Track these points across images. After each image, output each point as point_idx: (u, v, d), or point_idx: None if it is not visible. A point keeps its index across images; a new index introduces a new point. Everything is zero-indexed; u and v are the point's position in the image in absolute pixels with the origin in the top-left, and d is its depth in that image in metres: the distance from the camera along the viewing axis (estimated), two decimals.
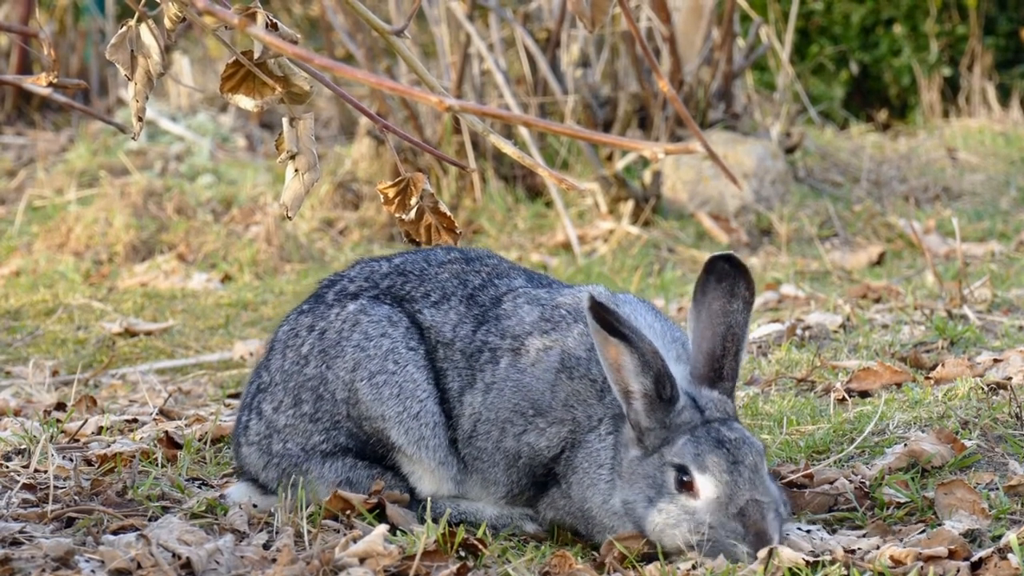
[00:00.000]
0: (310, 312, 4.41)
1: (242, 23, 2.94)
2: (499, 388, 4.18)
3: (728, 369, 4.04)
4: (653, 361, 3.93)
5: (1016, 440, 4.73)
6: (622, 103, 10.11)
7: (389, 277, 4.43)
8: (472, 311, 4.31)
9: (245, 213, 10.09)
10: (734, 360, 4.04)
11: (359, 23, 10.19)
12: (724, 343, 4.03)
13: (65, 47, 13.22)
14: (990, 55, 14.05)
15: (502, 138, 4.05)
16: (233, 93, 4.10)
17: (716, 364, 4.04)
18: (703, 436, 3.95)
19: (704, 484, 3.92)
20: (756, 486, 3.91)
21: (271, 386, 4.39)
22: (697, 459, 3.92)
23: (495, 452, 4.19)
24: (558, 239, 9.61)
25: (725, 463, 3.91)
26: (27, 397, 6.26)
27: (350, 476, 4.28)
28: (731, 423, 3.99)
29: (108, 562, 3.85)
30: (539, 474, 4.15)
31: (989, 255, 8.81)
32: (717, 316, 4.02)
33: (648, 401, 3.97)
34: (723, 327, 4.02)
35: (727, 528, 3.89)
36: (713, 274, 4.04)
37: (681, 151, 2.93)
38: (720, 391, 4.03)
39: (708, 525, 3.90)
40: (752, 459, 3.93)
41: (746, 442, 3.95)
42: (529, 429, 4.14)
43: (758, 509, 3.89)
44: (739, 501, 3.90)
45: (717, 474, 3.91)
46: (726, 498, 3.90)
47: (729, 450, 3.93)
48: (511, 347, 4.21)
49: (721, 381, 4.04)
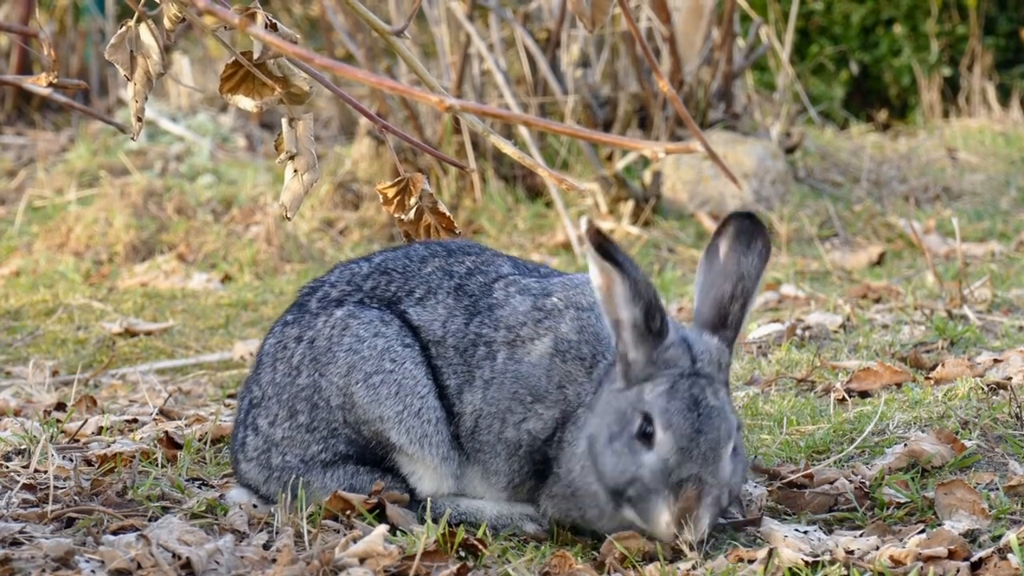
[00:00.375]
0: (295, 323, 4.37)
1: (242, 23, 2.94)
2: (499, 382, 4.17)
3: (733, 317, 4.00)
4: (645, 291, 3.91)
5: (1016, 440, 4.74)
6: (622, 103, 10.11)
7: (371, 277, 4.39)
8: (462, 302, 4.29)
9: (245, 213, 10.09)
10: (741, 309, 4.00)
11: (359, 23, 10.20)
12: (734, 290, 3.99)
13: (65, 47, 13.23)
14: (990, 55, 14.06)
15: (502, 138, 4.06)
16: (232, 94, 4.10)
17: (722, 310, 4.00)
18: (682, 391, 3.91)
19: (661, 442, 3.88)
20: (708, 463, 3.86)
21: (264, 400, 4.36)
22: (665, 414, 3.88)
23: (496, 443, 4.17)
24: (558, 239, 9.61)
25: (689, 429, 3.87)
26: (27, 397, 6.26)
27: (353, 483, 4.26)
28: (717, 386, 3.94)
29: (108, 562, 3.85)
30: (537, 460, 4.14)
31: (989, 255, 8.81)
32: (731, 266, 4.00)
33: (637, 332, 3.93)
34: (735, 276, 4.00)
35: (661, 494, 3.86)
36: (730, 228, 4.03)
37: (681, 151, 2.93)
38: (721, 338, 3.99)
39: (645, 485, 3.88)
40: (716, 435, 3.87)
41: (720, 414, 3.90)
42: (529, 416, 4.14)
43: (697, 487, 3.85)
44: (683, 472, 3.85)
45: (676, 437, 3.86)
46: (674, 464, 3.86)
47: (700, 416, 3.88)
48: (506, 339, 4.20)
49: (724, 328, 4.00)
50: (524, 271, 4.38)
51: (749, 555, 3.95)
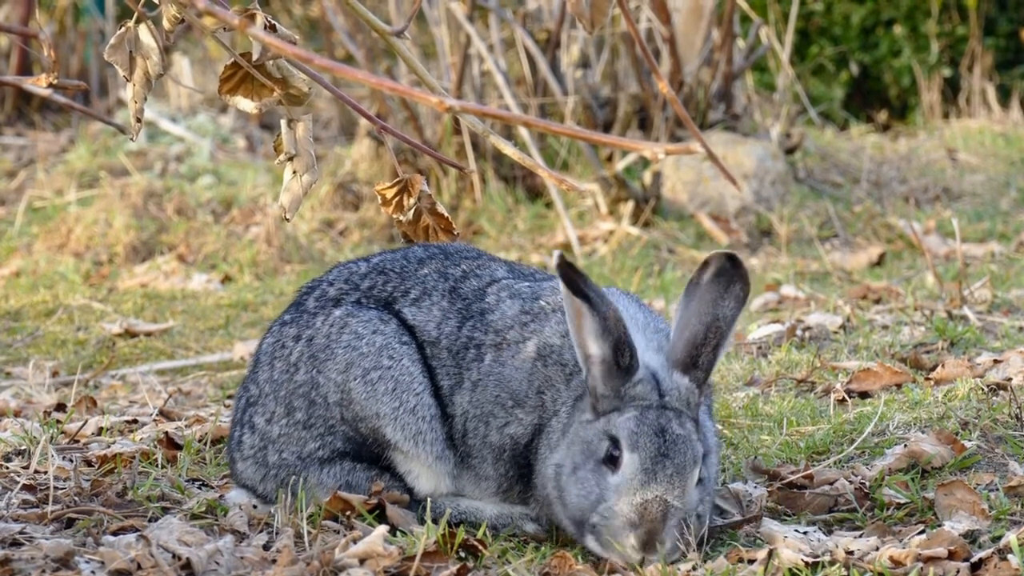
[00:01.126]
0: (294, 322, 4.38)
1: (242, 24, 2.94)
2: (483, 385, 4.19)
3: (704, 359, 4.00)
4: (615, 327, 3.92)
5: (1016, 441, 4.74)
6: (622, 104, 10.11)
7: (369, 277, 4.40)
8: (455, 305, 4.30)
9: (245, 214, 10.09)
10: (713, 352, 4.00)
11: (359, 24, 10.20)
12: (707, 332, 3.99)
13: (65, 48, 13.23)
14: (990, 56, 14.05)
15: (502, 139, 4.06)
16: (232, 95, 4.10)
17: (694, 351, 4.00)
18: (649, 419, 3.92)
19: (627, 462, 3.90)
20: (673, 487, 3.88)
21: (261, 398, 4.37)
22: (632, 437, 3.91)
23: (483, 447, 4.19)
24: (558, 240, 9.61)
25: (655, 452, 3.89)
26: (27, 398, 6.26)
27: (349, 480, 4.27)
28: (684, 419, 3.95)
29: (108, 563, 3.85)
30: (522, 465, 4.15)
31: (989, 256, 8.81)
32: (706, 307, 3.99)
33: (606, 367, 3.96)
34: (710, 317, 3.99)
35: (625, 516, 3.88)
36: (711, 268, 4.03)
37: (681, 151, 2.93)
38: (691, 379, 4.00)
39: (610, 507, 3.89)
40: (682, 460, 3.89)
41: (685, 442, 3.92)
42: (510, 421, 4.15)
43: (661, 509, 3.86)
44: (647, 494, 3.87)
45: (641, 459, 3.89)
46: (638, 485, 3.88)
47: (665, 441, 3.90)
48: (493, 342, 4.22)
49: (695, 369, 4.00)
50: (519, 275, 4.38)
51: (749, 555, 3.95)
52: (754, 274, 8.77)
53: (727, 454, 4.81)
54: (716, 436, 4.25)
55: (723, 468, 4.67)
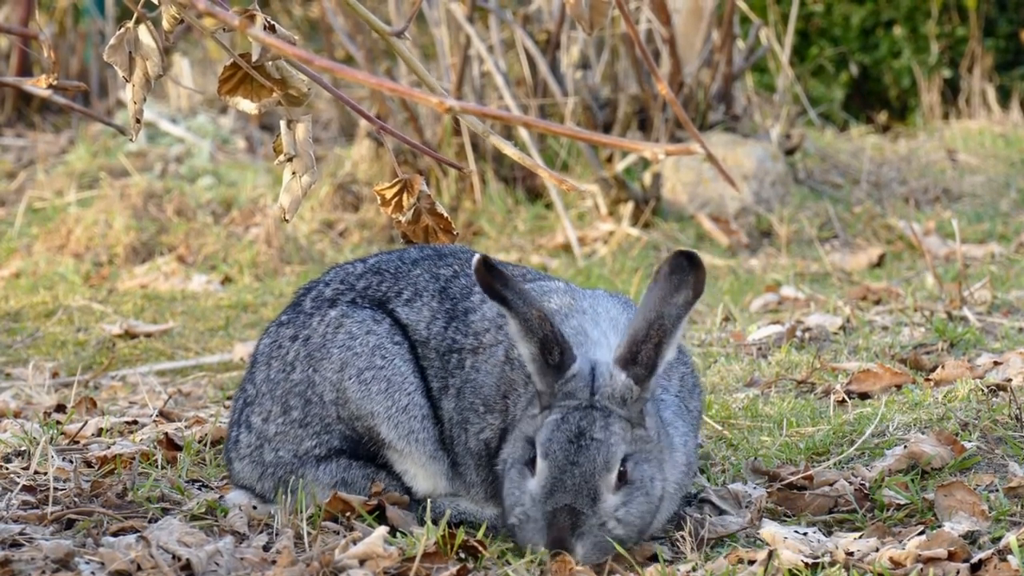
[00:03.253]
0: (290, 323, 4.40)
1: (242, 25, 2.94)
2: (463, 392, 4.22)
3: (645, 355, 3.95)
4: (538, 326, 3.91)
5: (1016, 442, 4.73)
6: (622, 105, 10.11)
7: (364, 277, 4.42)
8: (444, 305, 4.31)
9: (245, 215, 10.09)
10: (654, 349, 3.95)
11: (359, 25, 10.20)
12: (649, 329, 3.95)
13: (65, 49, 13.22)
14: (990, 57, 14.05)
15: (502, 139, 4.06)
16: (231, 95, 4.10)
17: (634, 347, 3.96)
18: (568, 422, 3.91)
19: (539, 470, 3.91)
20: (581, 494, 3.87)
21: (258, 397, 4.38)
22: (546, 444, 3.91)
23: (465, 454, 4.21)
24: (558, 241, 9.61)
25: (564, 460, 3.88)
26: (27, 399, 6.26)
27: (345, 477, 4.28)
28: (612, 419, 3.92)
29: (108, 564, 3.85)
30: (500, 471, 4.15)
31: (989, 257, 8.81)
32: (654, 303, 3.96)
33: (538, 365, 3.96)
34: (654, 314, 3.95)
35: (536, 522, 3.89)
36: (668, 266, 4.00)
37: (681, 152, 2.93)
38: (629, 375, 3.96)
39: (525, 511, 3.91)
40: (592, 467, 3.88)
41: (600, 447, 3.89)
42: (484, 427, 4.17)
43: (569, 517, 3.86)
44: (555, 502, 3.87)
45: (550, 466, 3.89)
46: (546, 494, 3.88)
47: (579, 448, 3.89)
48: (472, 347, 4.23)
49: (634, 365, 3.96)
50: None
51: (749, 556, 3.95)
52: (754, 275, 8.77)
53: (727, 455, 4.81)
54: (692, 439, 4.22)
55: (723, 469, 4.67)
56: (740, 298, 7.87)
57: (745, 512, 4.27)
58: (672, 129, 10.12)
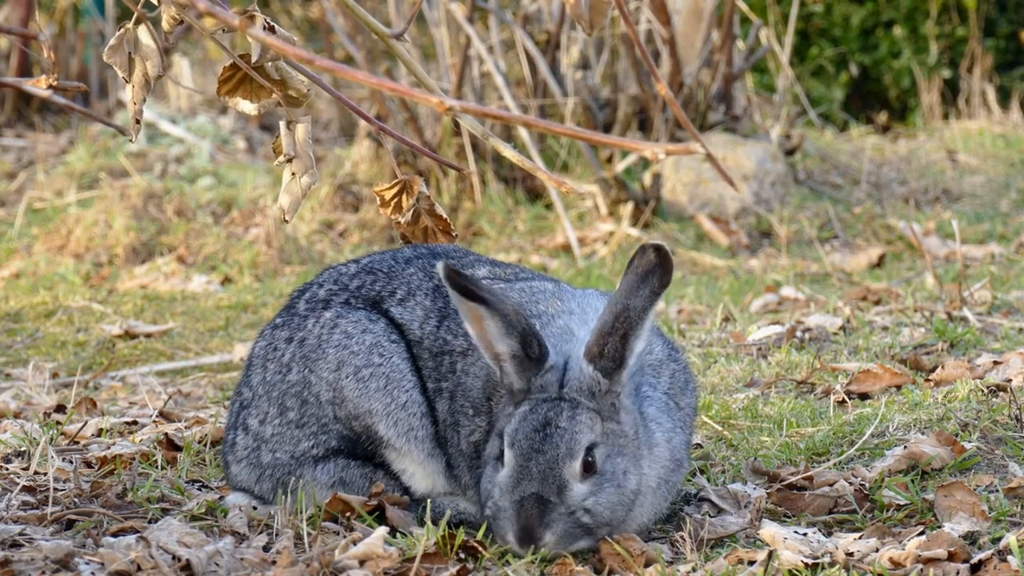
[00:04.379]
0: (285, 325, 4.40)
1: (241, 25, 2.94)
2: (454, 395, 4.22)
3: (611, 348, 3.95)
4: (517, 321, 3.93)
5: (1016, 442, 4.74)
6: (622, 105, 10.11)
7: (358, 277, 4.42)
8: (437, 304, 4.31)
9: (245, 215, 10.09)
10: (620, 342, 3.95)
11: (359, 25, 10.20)
12: (615, 322, 3.94)
13: (65, 49, 13.22)
14: (990, 57, 14.05)
15: (501, 141, 4.06)
16: (231, 96, 4.10)
17: (601, 340, 3.96)
18: (535, 413, 3.93)
19: (507, 460, 3.93)
20: (547, 482, 3.87)
21: (254, 400, 4.38)
22: (513, 435, 3.93)
23: (459, 456, 4.22)
24: (558, 241, 9.61)
25: (528, 448, 3.90)
26: (27, 399, 6.26)
27: (343, 476, 4.28)
28: (580, 410, 3.93)
29: (108, 564, 3.85)
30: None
31: (989, 257, 8.81)
32: (621, 296, 3.95)
33: (518, 361, 3.97)
34: (620, 307, 3.94)
35: (506, 512, 3.90)
36: (636, 259, 3.99)
37: (681, 152, 2.94)
38: (596, 368, 3.96)
39: (496, 503, 3.92)
40: (555, 454, 3.89)
41: (563, 435, 3.91)
42: (474, 429, 4.18)
43: (536, 505, 3.87)
44: (522, 491, 3.89)
45: (516, 456, 3.91)
46: (513, 483, 3.90)
47: (544, 436, 3.90)
48: (461, 349, 4.24)
49: (601, 358, 3.96)
50: (498, 277, 4.39)
51: (749, 556, 3.95)
52: (754, 275, 8.77)
53: (727, 455, 4.81)
54: (680, 435, 4.21)
55: (723, 469, 4.67)
56: (740, 298, 7.87)
57: (745, 512, 4.27)
58: (672, 129, 10.12)
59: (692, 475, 4.54)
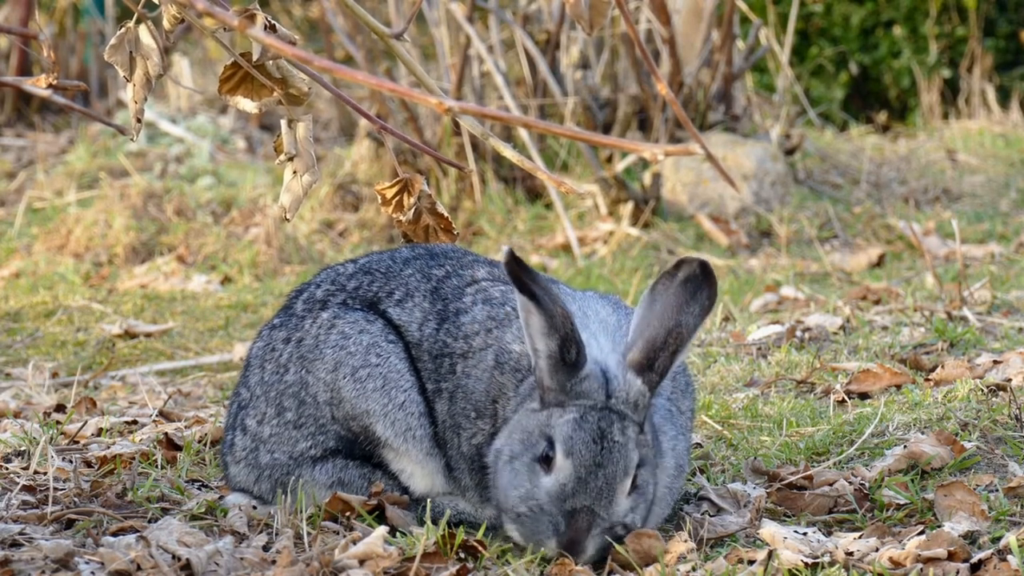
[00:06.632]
0: (282, 326, 4.40)
1: (242, 25, 2.94)
2: (454, 397, 4.21)
3: (661, 363, 3.97)
4: (562, 324, 3.91)
5: (1016, 442, 4.74)
6: (622, 105, 10.11)
7: (355, 277, 4.41)
8: (436, 306, 4.31)
9: (245, 215, 10.09)
10: (670, 357, 3.97)
11: (359, 25, 10.20)
12: (667, 337, 3.96)
13: (65, 49, 13.22)
14: (990, 57, 14.05)
15: (501, 141, 4.06)
16: (231, 95, 4.10)
17: (651, 354, 3.97)
18: (590, 423, 3.92)
19: (560, 468, 3.91)
20: (601, 497, 3.88)
21: (252, 400, 4.38)
22: (568, 442, 3.91)
23: (459, 458, 4.21)
24: (558, 241, 9.61)
25: (589, 460, 3.89)
26: (27, 399, 6.26)
27: (342, 476, 4.28)
28: (627, 423, 3.94)
29: (108, 564, 3.85)
30: (490, 462, 4.16)
31: (989, 257, 8.81)
32: (670, 311, 3.96)
33: (552, 362, 3.95)
34: (672, 322, 3.96)
35: (552, 519, 3.89)
36: (680, 272, 3.99)
37: (681, 152, 2.94)
38: (644, 381, 3.97)
39: (540, 506, 3.91)
40: (615, 470, 3.89)
41: (622, 451, 3.91)
42: (476, 432, 4.16)
43: (588, 519, 3.87)
44: (576, 502, 3.88)
45: (575, 466, 3.89)
46: (568, 493, 3.89)
47: (603, 449, 3.90)
48: (462, 351, 4.23)
49: (649, 372, 3.97)
50: (497, 278, 4.38)
51: (749, 556, 3.96)
52: (754, 275, 8.77)
53: (727, 455, 4.81)
54: (682, 441, 4.22)
55: (723, 469, 4.67)
56: (740, 298, 7.87)
57: (745, 512, 4.27)
58: (672, 129, 10.12)
59: (692, 475, 4.54)
